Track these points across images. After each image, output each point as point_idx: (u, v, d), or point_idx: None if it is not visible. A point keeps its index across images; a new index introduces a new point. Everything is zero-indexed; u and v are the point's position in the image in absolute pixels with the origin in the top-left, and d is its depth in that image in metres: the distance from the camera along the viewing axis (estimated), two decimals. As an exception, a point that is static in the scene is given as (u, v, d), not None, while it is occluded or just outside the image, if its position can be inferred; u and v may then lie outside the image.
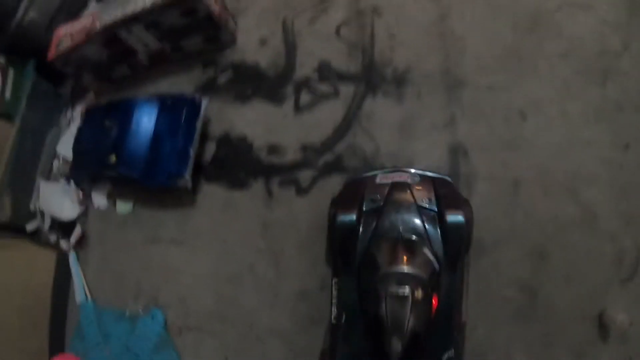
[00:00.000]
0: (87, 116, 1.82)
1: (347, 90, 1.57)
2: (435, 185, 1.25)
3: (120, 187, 1.77)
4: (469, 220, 1.17)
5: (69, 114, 1.96)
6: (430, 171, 1.33)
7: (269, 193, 1.57)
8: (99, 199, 1.80)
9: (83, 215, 1.81)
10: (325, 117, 1.58)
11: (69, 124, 1.93)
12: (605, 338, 1.26)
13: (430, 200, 1.19)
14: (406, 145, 1.50)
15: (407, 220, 1.16)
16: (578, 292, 1.31)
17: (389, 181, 1.26)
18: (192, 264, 1.60)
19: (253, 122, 1.64)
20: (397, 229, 1.15)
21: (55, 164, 1.90)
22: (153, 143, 1.62)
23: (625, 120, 1.35)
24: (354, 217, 1.17)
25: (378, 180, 1.29)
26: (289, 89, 1.62)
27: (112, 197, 1.78)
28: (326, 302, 1.26)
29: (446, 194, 1.22)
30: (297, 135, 1.59)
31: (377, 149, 1.52)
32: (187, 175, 1.55)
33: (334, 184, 1.51)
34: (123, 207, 1.75)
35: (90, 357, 1.76)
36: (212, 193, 1.62)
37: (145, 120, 1.66)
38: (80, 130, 1.81)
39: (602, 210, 1.33)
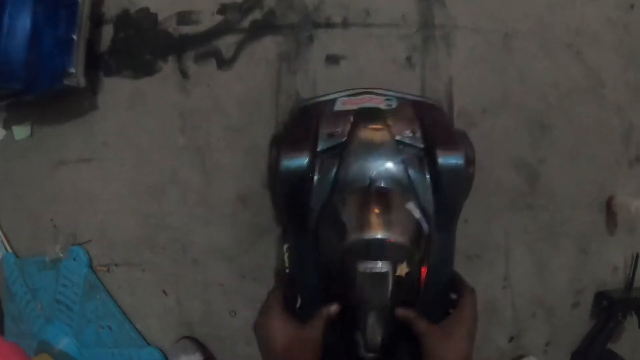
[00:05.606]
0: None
1: None
2: (419, 111, 0.86)
3: (15, 110, 1.41)
4: (470, 161, 0.80)
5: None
6: (410, 94, 0.93)
7: (183, 73, 1.17)
8: (-4, 130, 1.45)
9: (-16, 153, 1.47)
10: (249, -36, 1.15)
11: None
12: (613, 229, 1.09)
13: (413, 133, 0.81)
14: (360, -9, 1.10)
15: (382, 163, 0.78)
16: (584, 173, 1.08)
17: (354, 106, 0.86)
18: (106, 183, 1.25)
19: (157, -11, 1.23)
20: (367, 176, 0.77)
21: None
22: (31, 41, 1.22)
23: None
24: (305, 160, 0.78)
25: (338, 106, 0.89)
26: None
27: (9, 124, 1.42)
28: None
29: (435, 123, 0.84)
30: (214, -7, 1.18)
31: (321, -1, 1.11)
32: (75, 69, 1.17)
33: (266, 48, 1.12)
34: (20, 131, 1.38)
35: (25, 319, 1.48)
36: (114, 88, 1.23)
37: (20, 15, 1.23)
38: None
39: (607, 77, 1.08)
